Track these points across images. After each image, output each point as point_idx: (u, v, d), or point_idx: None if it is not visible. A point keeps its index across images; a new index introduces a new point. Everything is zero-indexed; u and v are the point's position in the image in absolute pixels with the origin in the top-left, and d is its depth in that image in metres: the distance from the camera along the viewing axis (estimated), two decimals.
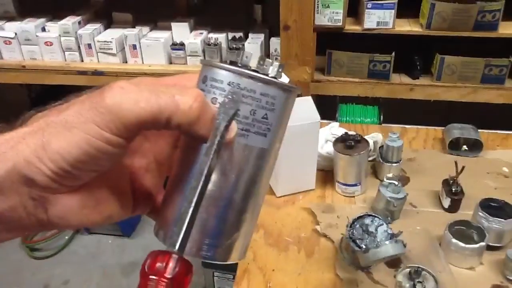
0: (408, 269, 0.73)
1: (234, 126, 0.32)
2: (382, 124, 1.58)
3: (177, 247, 0.29)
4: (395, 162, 1.07)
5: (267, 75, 0.33)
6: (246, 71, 0.32)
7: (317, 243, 0.94)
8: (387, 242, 0.77)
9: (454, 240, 0.85)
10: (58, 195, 0.31)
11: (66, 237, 2.17)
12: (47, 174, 0.29)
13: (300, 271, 0.88)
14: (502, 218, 0.87)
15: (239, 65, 0.33)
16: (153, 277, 0.28)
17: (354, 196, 1.06)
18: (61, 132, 0.29)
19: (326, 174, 1.11)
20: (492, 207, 0.91)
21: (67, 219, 0.32)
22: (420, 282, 0.72)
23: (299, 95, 0.36)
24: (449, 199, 0.99)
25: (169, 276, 0.28)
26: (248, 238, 0.37)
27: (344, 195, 1.06)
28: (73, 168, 0.29)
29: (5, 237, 0.33)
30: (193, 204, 0.30)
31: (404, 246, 0.78)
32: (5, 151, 0.29)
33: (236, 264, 0.90)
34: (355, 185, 1.05)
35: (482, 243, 0.84)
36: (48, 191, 0.30)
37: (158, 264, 0.29)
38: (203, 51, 1.73)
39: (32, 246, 2.12)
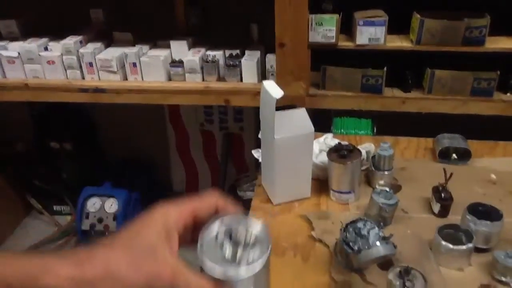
0: (399, 268, 0.77)
1: None
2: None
3: None
4: (387, 170, 1.11)
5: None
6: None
7: (312, 248, 0.97)
8: (378, 243, 0.80)
9: (443, 242, 0.88)
10: None
11: None
12: None
13: (296, 275, 0.91)
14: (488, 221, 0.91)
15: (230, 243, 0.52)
16: None
17: (348, 203, 1.10)
18: None
19: (321, 183, 1.15)
20: (479, 211, 0.94)
21: None
22: (410, 280, 0.75)
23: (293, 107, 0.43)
24: (438, 205, 1.03)
25: None
26: None
27: (338, 203, 1.10)
28: None
29: None
30: None
31: (395, 247, 0.82)
32: None
33: None
34: (349, 192, 1.09)
35: (470, 245, 0.88)
36: None
37: None
38: (201, 68, 1.78)
39: None
